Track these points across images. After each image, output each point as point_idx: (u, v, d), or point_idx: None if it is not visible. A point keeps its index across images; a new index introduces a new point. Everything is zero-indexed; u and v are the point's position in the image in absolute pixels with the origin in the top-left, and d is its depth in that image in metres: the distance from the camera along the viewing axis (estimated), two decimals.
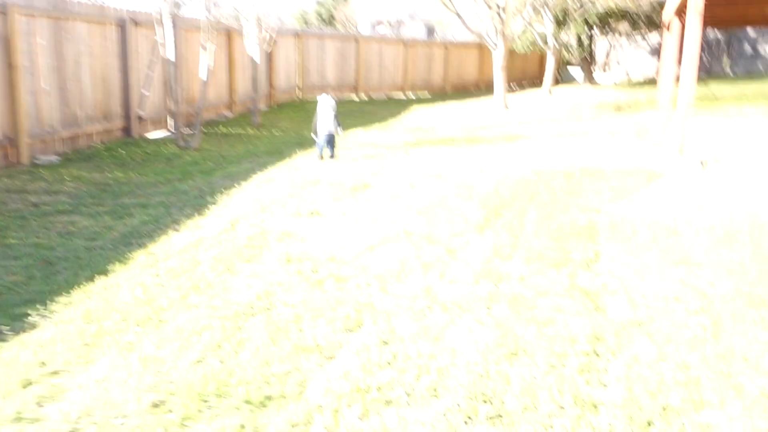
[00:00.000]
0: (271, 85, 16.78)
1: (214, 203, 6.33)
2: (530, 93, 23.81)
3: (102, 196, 6.60)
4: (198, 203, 6.34)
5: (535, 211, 5.76)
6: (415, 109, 17.72)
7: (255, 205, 6.23)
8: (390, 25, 47.02)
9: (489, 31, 18.09)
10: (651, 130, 11.11)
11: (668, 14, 10.92)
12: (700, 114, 13.47)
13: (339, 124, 8.78)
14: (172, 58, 9.30)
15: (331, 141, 8.77)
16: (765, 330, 3.18)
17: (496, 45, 16.60)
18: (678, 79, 11.11)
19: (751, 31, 28.07)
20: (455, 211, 5.88)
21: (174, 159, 8.92)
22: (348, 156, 9.18)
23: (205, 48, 9.61)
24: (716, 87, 20.77)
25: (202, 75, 9.72)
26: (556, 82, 26.07)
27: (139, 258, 4.66)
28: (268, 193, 6.74)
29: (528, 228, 5.20)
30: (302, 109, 16.68)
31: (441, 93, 24.34)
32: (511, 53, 25.92)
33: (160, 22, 9.39)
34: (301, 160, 8.84)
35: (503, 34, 16.34)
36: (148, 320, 3.57)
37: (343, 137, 9.94)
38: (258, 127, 12.74)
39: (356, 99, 20.41)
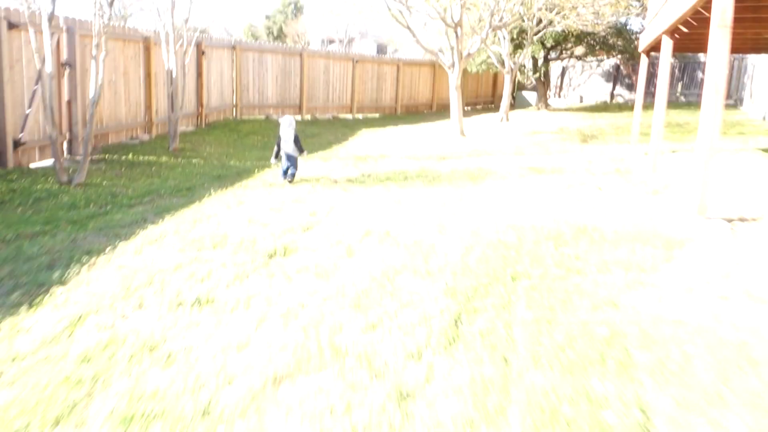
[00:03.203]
0: (200, 103, 14.75)
1: (62, 282, 4.34)
2: (486, 117, 22.43)
3: None
4: (39, 280, 4.34)
5: (525, 303, 4.00)
6: (363, 133, 15.97)
7: (120, 287, 4.27)
8: (341, 42, 45.39)
9: (444, 48, 16.56)
10: (634, 168, 9.64)
11: (653, 36, 9.51)
12: (676, 145, 12.17)
13: (300, 146, 8.34)
14: (49, 70, 7.25)
15: (291, 163, 8.26)
16: None
17: (452, 64, 15.05)
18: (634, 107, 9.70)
19: (703, 56, 27.57)
20: (410, 300, 4.07)
21: (45, 200, 6.85)
22: (278, 197, 7.30)
23: (96, 58, 7.60)
24: (676, 114, 19.84)
25: (91, 92, 7.69)
26: (512, 106, 24.88)
27: None
28: (147, 263, 4.79)
29: (520, 341, 3.43)
30: (236, 130, 14.69)
31: (392, 115, 22.71)
32: (465, 73, 24.61)
33: (39, 26, 7.38)
34: (211, 204, 6.91)
35: (459, 53, 14.80)
36: None
37: (303, 160, 9.08)
38: (175, 154, 10.72)
39: (299, 120, 18.52)
